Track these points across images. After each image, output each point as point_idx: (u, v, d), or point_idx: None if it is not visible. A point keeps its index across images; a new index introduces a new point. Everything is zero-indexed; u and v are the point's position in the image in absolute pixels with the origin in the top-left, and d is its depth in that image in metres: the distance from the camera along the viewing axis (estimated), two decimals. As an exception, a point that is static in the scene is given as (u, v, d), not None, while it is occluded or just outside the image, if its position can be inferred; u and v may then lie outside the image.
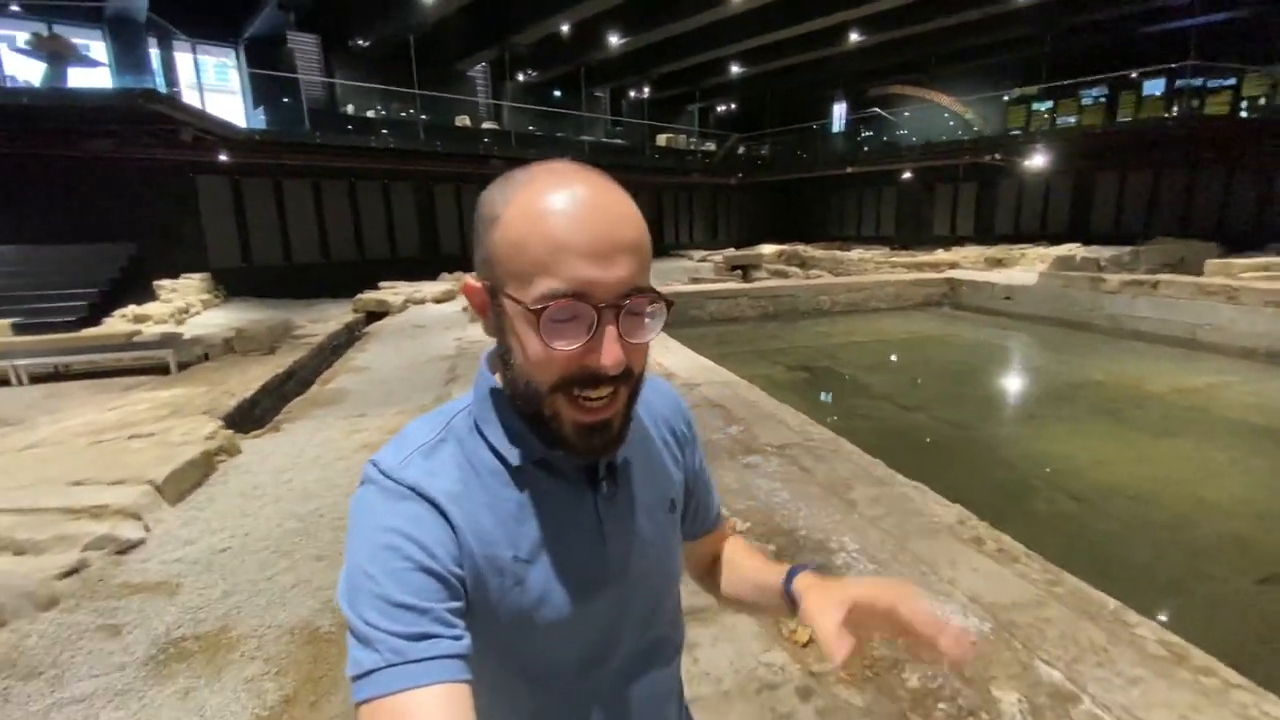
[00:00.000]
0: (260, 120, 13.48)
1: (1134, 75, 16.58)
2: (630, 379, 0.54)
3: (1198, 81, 15.96)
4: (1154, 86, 16.78)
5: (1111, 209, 17.86)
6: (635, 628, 0.65)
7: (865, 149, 20.53)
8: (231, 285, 12.80)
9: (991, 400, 6.60)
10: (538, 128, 18.77)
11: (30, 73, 9.73)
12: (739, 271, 15.44)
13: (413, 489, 0.53)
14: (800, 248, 18.31)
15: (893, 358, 8.68)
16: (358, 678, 0.47)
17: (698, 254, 19.18)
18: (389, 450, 0.57)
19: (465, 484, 0.55)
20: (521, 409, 0.56)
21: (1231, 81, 15.87)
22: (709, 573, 0.81)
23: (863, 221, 23.39)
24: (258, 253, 13.70)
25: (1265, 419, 5.49)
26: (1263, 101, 15.53)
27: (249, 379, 7.02)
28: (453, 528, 0.53)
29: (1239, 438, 5.18)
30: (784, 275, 14.98)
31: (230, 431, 4.16)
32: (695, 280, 13.88)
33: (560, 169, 0.53)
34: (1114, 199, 17.80)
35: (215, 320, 10.91)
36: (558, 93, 19.46)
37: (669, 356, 6.39)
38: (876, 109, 20.94)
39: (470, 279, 0.56)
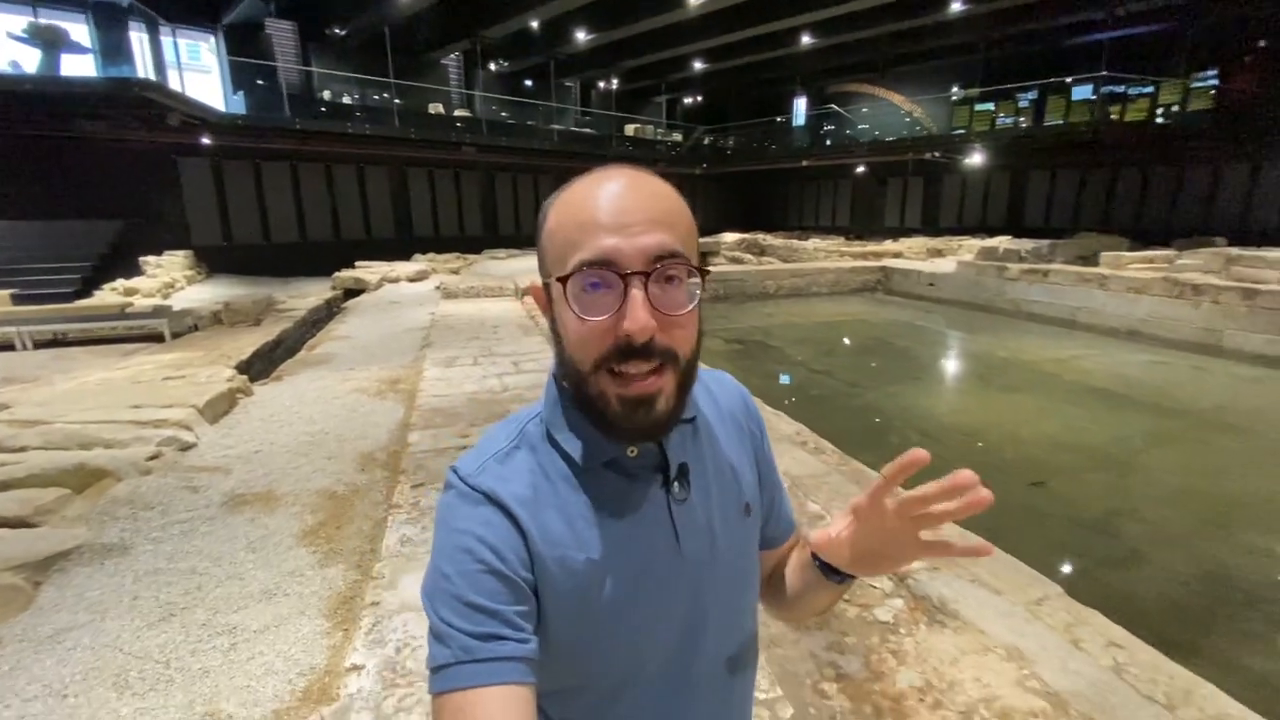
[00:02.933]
0: (239, 104, 14.03)
1: (1069, 81, 17.95)
2: (675, 360, 0.53)
3: (1120, 89, 17.43)
4: (1082, 92, 18.21)
5: (1043, 205, 19.34)
6: (714, 636, 0.63)
7: (823, 143, 21.69)
8: (213, 262, 13.43)
9: (887, 367, 7.79)
10: (510, 115, 19.50)
11: (18, 56, 10.24)
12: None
13: (487, 494, 0.55)
14: (760, 236, 19.43)
15: (819, 334, 9.84)
16: (433, 671, 0.50)
17: (662, 240, 20.13)
18: (468, 457, 0.59)
19: (536, 489, 0.56)
20: (574, 396, 0.57)
21: (1149, 89, 17.36)
22: (776, 589, 0.74)
23: (820, 212, 24.64)
24: (238, 232, 14.32)
25: (1098, 382, 6.75)
26: (1175, 109, 17.06)
27: (240, 345, 7.85)
28: (522, 532, 0.54)
29: (1070, 394, 6.42)
30: (740, 262, 16.08)
31: (245, 377, 5.08)
32: (656, 265, 14.89)
33: (605, 169, 0.56)
34: (1045, 196, 19.28)
35: (199, 295, 11.59)
36: (529, 82, 20.18)
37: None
38: (834, 105, 22.09)
39: (534, 282, 0.59)
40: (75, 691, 1.91)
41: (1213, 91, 16.61)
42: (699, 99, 25.49)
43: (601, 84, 22.45)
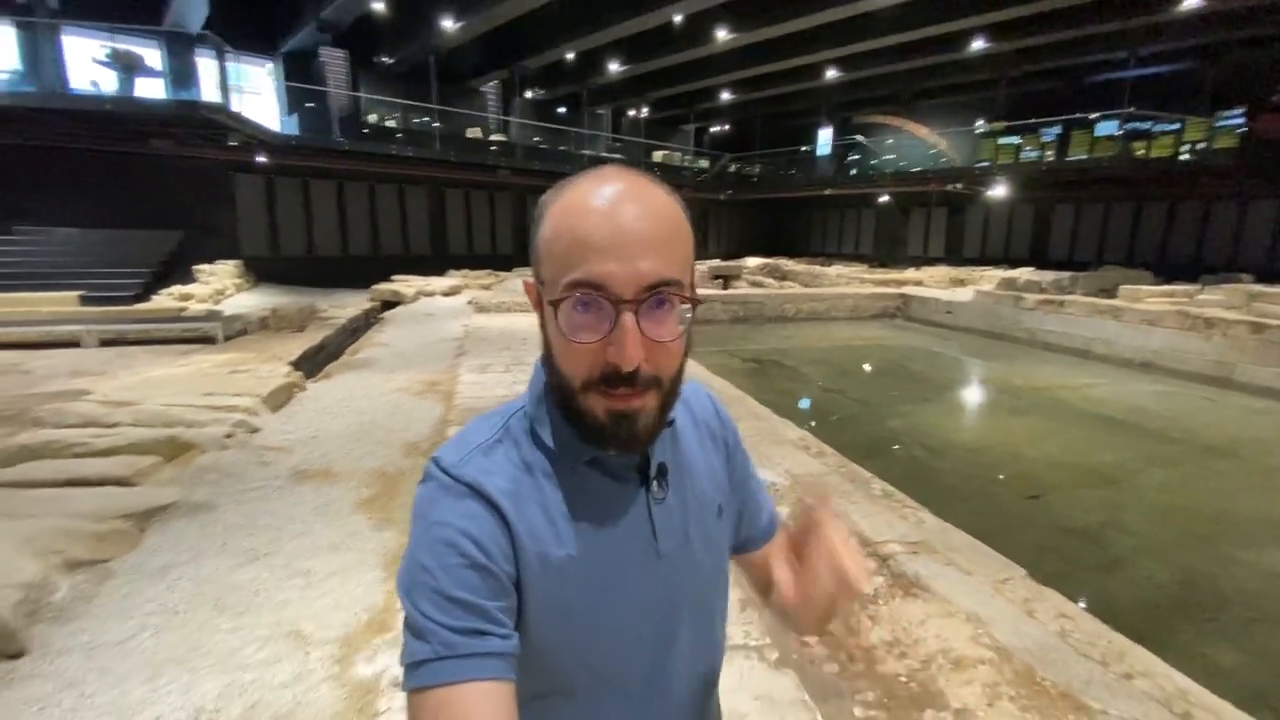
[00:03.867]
0: (292, 126, 14.94)
1: (1093, 117, 18.18)
2: (659, 385, 0.54)
3: (1145, 125, 17.59)
4: (1107, 128, 18.38)
5: (1067, 238, 19.43)
6: (687, 640, 0.64)
7: (845, 173, 22.09)
8: (260, 272, 14.22)
9: (899, 388, 8.03)
10: (543, 140, 20.30)
11: (96, 77, 11.16)
12: (720, 280, 16.92)
13: (471, 486, 0.54)
14: (783, 261, 19.81)
15: (834, 356, 10.12)
16: (410, 666, 0.49)
17: (686, 263, 20.64)
18: (450, 448, 0.58)
19: (519, 482, 0.56)
20: (559, 400, 0.57)
21: (1175, 126, 17.49)
22: (775, 593, 0.68)
23: (843, 239, 24.95)
24: (285, 244, 15.15)
25: (1105, 409, 6.93)
26: (1201, 146, 17.14)
27: (288, 348, 8.42)
28: (507, 524, 0.53)
29: (1076, 419, 6.62)
30: (761, 285, 16.45)
31: (300, 373, 5.58)
32: (679, 286, 15.33)
33: (603, 171, 0.55)
34: (1069, 229, 19.37)
35: (247, 302, 12.31)
36: (562, 110, 21.01)
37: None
38: (859, 136, 22.53)
39: (528, 277, 0.59)
40: (184, 610, 2.32)
41: (1239, 130, 16.68)
42: (726, 127, 26.15)
43: (631, 112, 23.23)
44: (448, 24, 13.25)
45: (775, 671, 2.07)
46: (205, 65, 12.70)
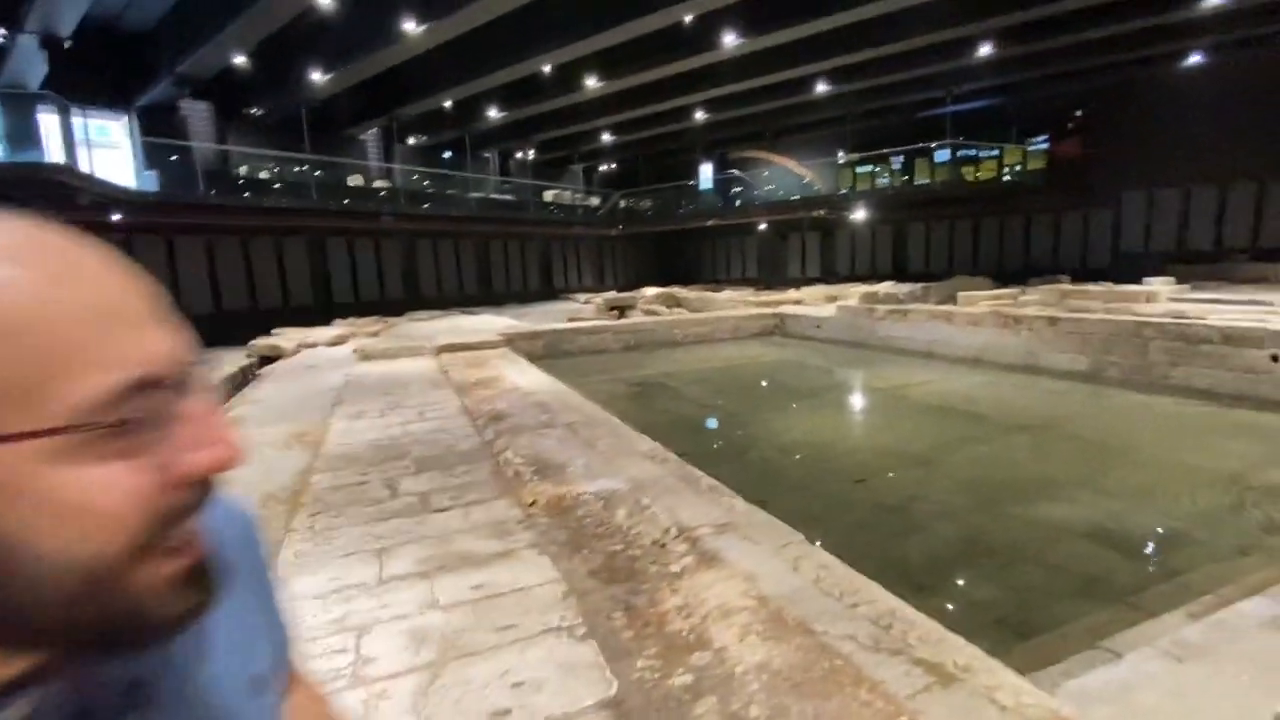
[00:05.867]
0: (151, 181, 14.24)
1: (933, 146, 20.53)
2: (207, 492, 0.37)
3: (972, 152, 20.08)
4: (943, 155, 20.83)
5: (922, 252, 21.65)
6: None
7: (726, 204, 23.60)
8: (121, 337, 13.28)
9: (766, 399, 8.76)
10: (430, 184, 20.36)
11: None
12: (616, 311, 17.49)
13: None
14: (677, 290, 20.72)
15: (714, 375, 10.80)
16: None
17: (582, 297, 21.19)
18: None
19: None
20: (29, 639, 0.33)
21: (995, 152, 20.10)
22: None
23: (731, 265, 26.45)
24: (148, 305, 14.25)
25: (935, 401, 7.90)
26: (1018, 168, 19.77)
27: (151, 414, 8.02)
28: None
29: (910, 412, 7.51)
30: (655, 314, 17.17)
31: (154, 436, 5.43)
32: (572, 319, 15.75)
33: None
34: (923, 245, 21.61)
35: (106, 370, 11.49)
36: (447, 154, 21.20)
37: (522, 376, 8.10)
38: (735, 170, 24.19)
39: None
40: None
41: (1045, 153, 19.42)
42: (613, 166, 27.23)
43: (519, 154, 23.77)
44: (317, 76, 13.24)
45: (578, 643, 2.41)
46: (52, 123, 11.98)
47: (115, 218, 12.73)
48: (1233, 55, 15.15)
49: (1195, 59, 15.53)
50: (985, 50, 13.88)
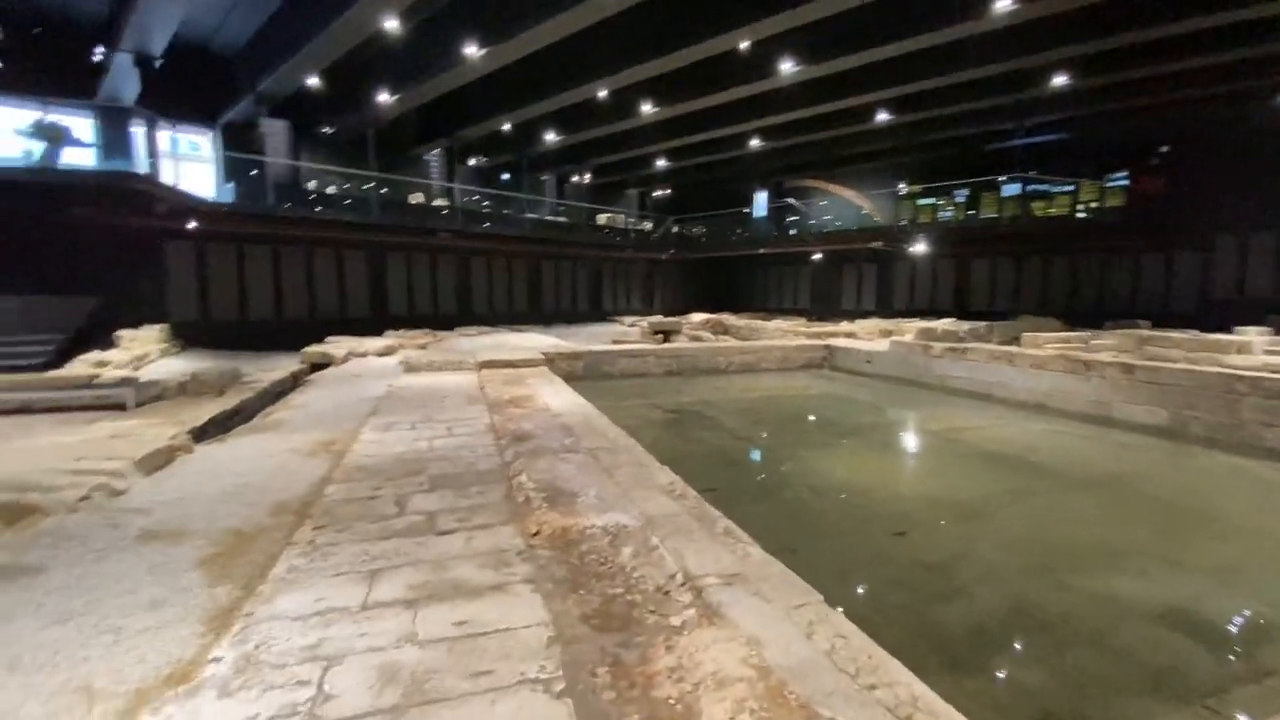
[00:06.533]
0: (229, 193, 15.09)
1: (1002, 180, 19.74)
2: None
3: (1043, 187, 19.16)
4: (1011, 189, 19.96)
5: (985, 289, 20.66)
6: None
7: (778, 233, 23.25)
8: (189, 337, 13.99)
9: (806, 434, 8.35)
10: (488, 204, 20.89)
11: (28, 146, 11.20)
12: (661, 335, 17.33)
13: None
14: (725, 317, 20.45)
15: (756, 405, 10.44)
16: None
17: (629, 319, 21.14)
18: None
19: None
20: None
21: (1070, 187, 19.11)
22: None
23: (783, 295, 25.95)
24: (215, 308, 15.00)
25: (991, 448, 7.33)
26: (1094, 205, 18.72)
27: (199, 413, 8.27)
28: None
29: (962, 459, 6.98)
30: (701, 339, 16.91)
31: (189, 435, 5.53)
32: (617, 341, 15.67)
33: None
34: (987, 281, 20.63)
35: (171, 367, 12.07)
36: (506, 175, 21.76)
37: (555, 397, 7.98)
38: (790, 199, 23.86)
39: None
40: (-27, 672, 2.30)
41: (1124, 189, 18.31)
42: (667, 191, 27.36)
43: (575, 177, 24.18)
44: (384, 98, 13.81)
45: (553, 701, 2.18)
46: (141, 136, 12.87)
47: (190, 225, 13.49)
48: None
49: (1298, 93, 14.38)
50: (1059, 80, 13.23)
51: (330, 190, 17.22)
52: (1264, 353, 9.45)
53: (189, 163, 16.64)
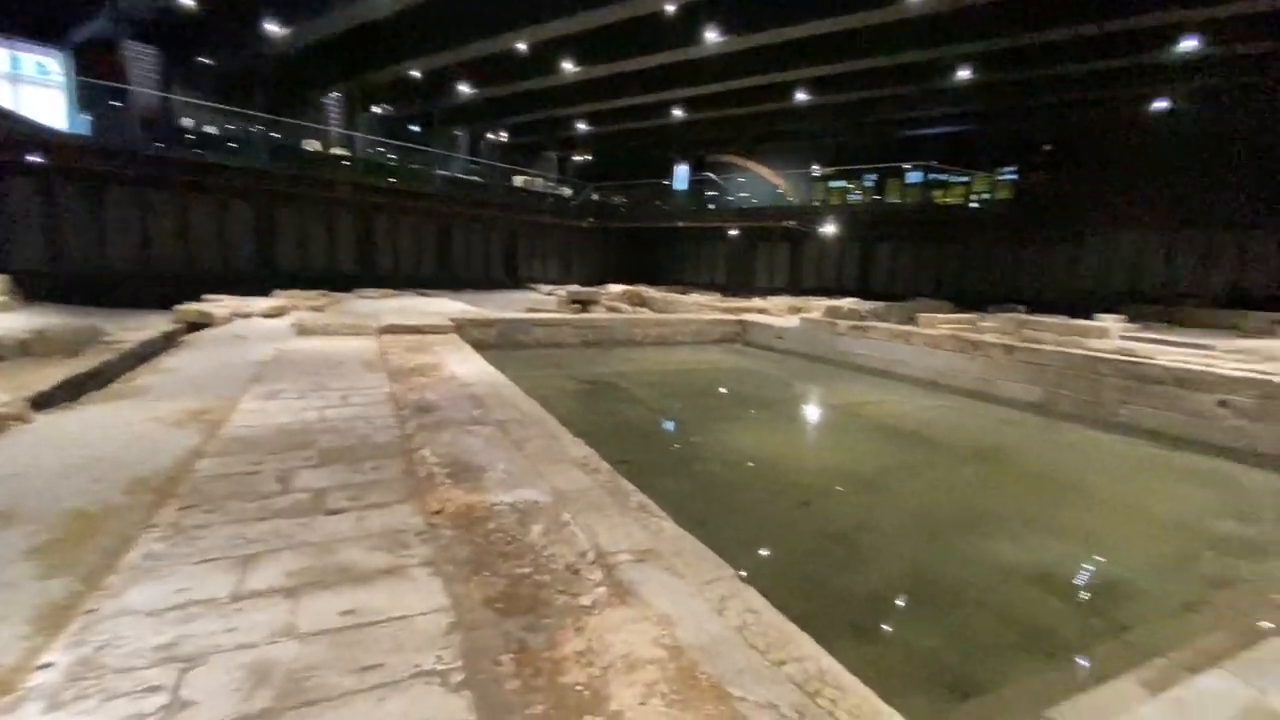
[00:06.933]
0: (84, 125, 13.15)
1: (907, 167, 20.68)
2: None
3: (943, 176, 20.28)
4: (915, 177, 21.01)
5: (887, 271, 21.78)
6: None
7: (697, 207, 23.37)
8: (35, 289, 12.22)
9: (717, 407, 8.48)
10: (393, 157, 19.50)
11: None
12: (578, 305, 17.02)
13: None
14: (644, 289, 20.35)
15: (669, 378, 10.47)
16: None
17: (545, 288, 20.64)
18: None
19: None
20: None
21: (965, 178, 20.35)
22: None
23: (700, 269, 26.22)
24: (69, 258, 13.16)
25: (889, 422, 7.72)
26: (985, 196, 20.06)
27: (46, 376, 7.23)
28: None
29: (862, 432, 7.30)
30: (619, 311, 16.76)
31: (25, 403, 4.77)
32: (532, 310, 15.23)
33: None
34: (888, 264, 21.74)
35: (11, 324, 10.48)
36: (415, 128, 20.38)
37: (463, 366, 7.60)
38: (710, 173, 23.97)
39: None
40: None
41: (1013, 183, 19.73)
42: (588, 158, 26.73)
43: (491, 135, 23.05)
44: (274, 28, 12.41)
45: (450, 694, 2.01)
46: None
47: (35, 158, 11.67)
48: (1194, 107, 15.60)
49: (1160, 104, 15.94)
50: (963, 74, 13.92)
51: (211, 130, 15.42)
52: (1119, 338, 10.54)
53: (36, 87, 14.36)
